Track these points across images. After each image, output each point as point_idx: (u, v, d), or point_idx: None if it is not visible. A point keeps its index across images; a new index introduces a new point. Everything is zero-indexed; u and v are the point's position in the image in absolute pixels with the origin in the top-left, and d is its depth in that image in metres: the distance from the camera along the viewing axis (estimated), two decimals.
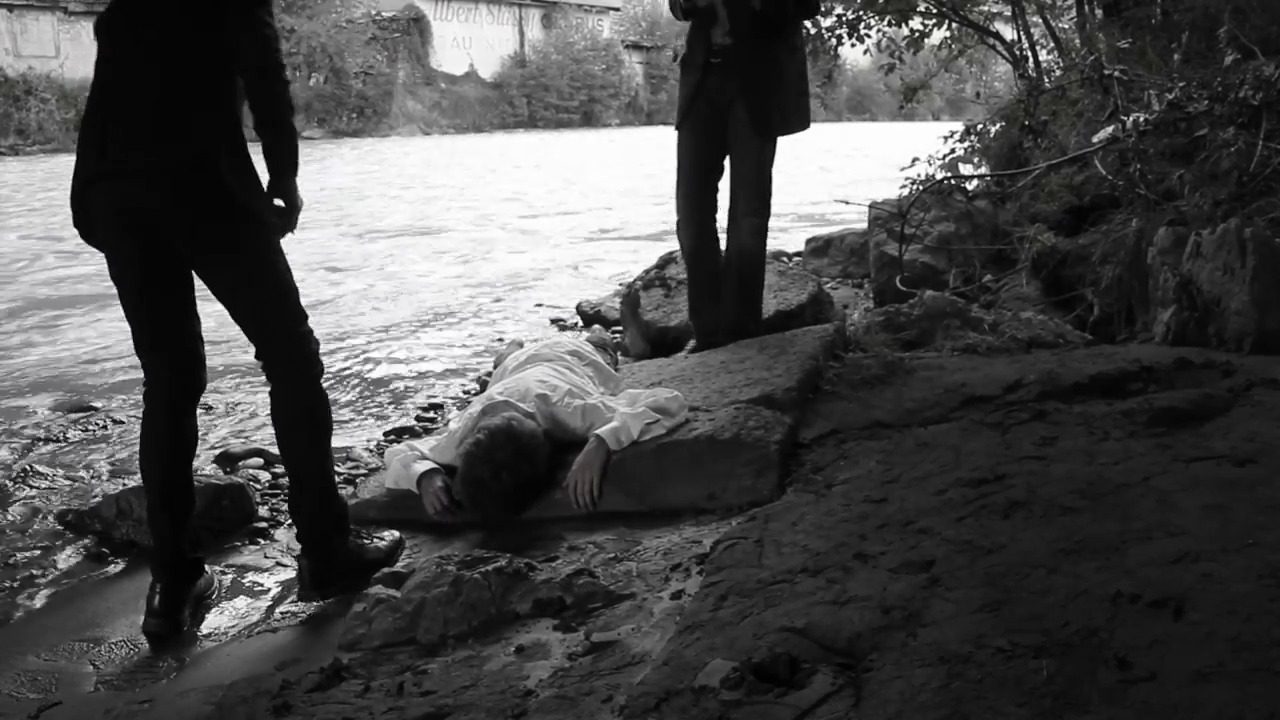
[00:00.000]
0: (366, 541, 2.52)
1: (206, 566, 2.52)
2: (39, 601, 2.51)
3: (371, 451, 3.60)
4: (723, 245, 3.78)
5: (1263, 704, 1.36)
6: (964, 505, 2.17)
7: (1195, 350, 3.15)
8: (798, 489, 2.58)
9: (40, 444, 3.71)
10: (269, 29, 2.30)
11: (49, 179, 15.49)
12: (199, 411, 2.50)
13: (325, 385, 2.45)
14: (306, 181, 2.52)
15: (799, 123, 3.68)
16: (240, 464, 3.44)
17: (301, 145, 2.42)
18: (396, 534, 2.59)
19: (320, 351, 2.44)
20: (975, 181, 5.57)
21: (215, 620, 2.38)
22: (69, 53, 26.84)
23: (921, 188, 5.08)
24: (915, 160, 5.56)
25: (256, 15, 2.27)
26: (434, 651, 2.03)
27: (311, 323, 2.42)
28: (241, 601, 2.47)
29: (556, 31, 37.64)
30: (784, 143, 3.68)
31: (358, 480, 3.21)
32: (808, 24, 7.19)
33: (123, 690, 2.08)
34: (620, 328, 4.90)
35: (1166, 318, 3.41)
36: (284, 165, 2.38)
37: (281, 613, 2.37)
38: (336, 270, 7.60)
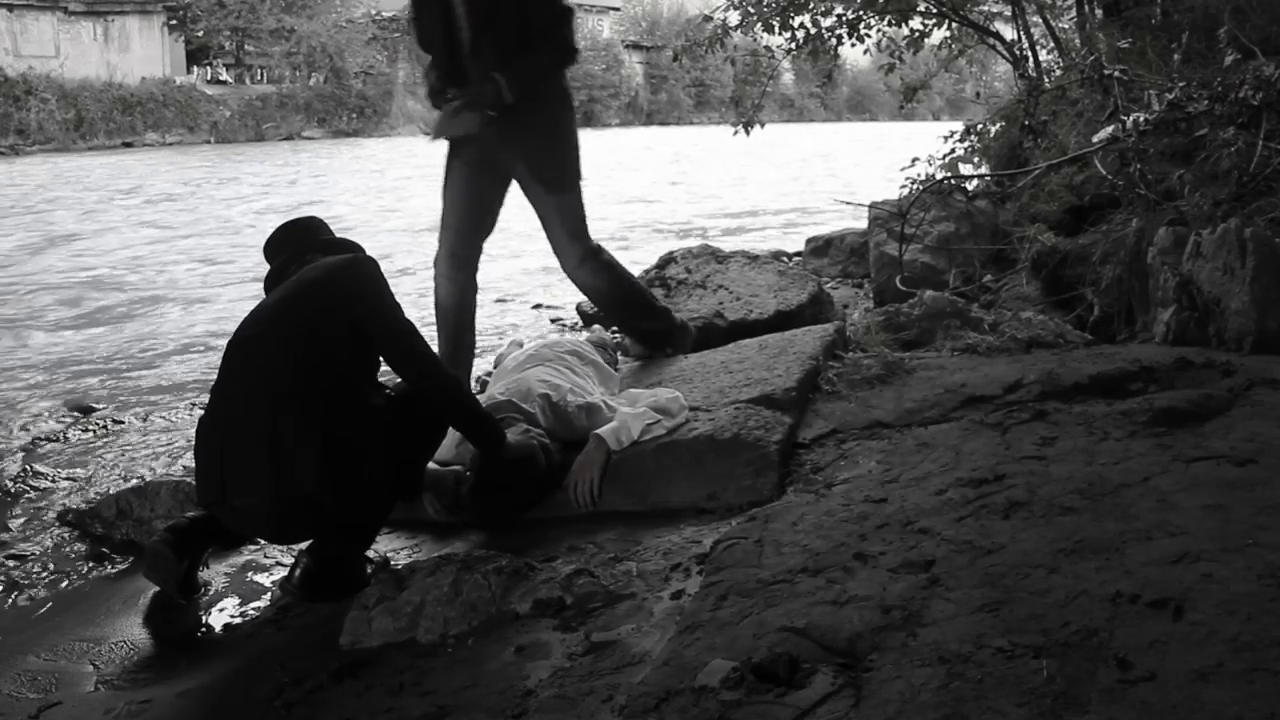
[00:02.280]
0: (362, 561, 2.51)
1: (210, 566, 2.53)
2: (39, 601, 2.51)
3: None
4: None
5: (1263, 704, 1.36)
6: (964, 505, 2.17)
7: (1195, 350, 3.15)
8: (798, 489, 2.58)
9: (41, 444, 3.71)
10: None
11: (56, 179, 15.51)
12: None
13: None
14: (305, 180, 2.52)
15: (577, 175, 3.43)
16: None
17: (302, 145, 2.42)
18: (386, 557, 2.58)
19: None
20: (975, 181, 5.56)
21: (215, 620, 2.38)
22: (69, 53, 26.86)
23: (921, 188, 5.08)
24: (915, 160, 5.56)
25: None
26: (434, 651, 2.03)
27: None
28: (241, 601, 2.47)
29: None
30: (789, 143, 3.64)
31: None
32: (807, 24, 7.21)
33: (123, 690, 2.08)
34: None
35: (1166, 318, 3.40)
36: (477, 445, 2.60)
37: (281, 613, 2.37)
38: None
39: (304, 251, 2.57)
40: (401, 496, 2.51)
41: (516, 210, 3.56)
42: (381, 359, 2.47)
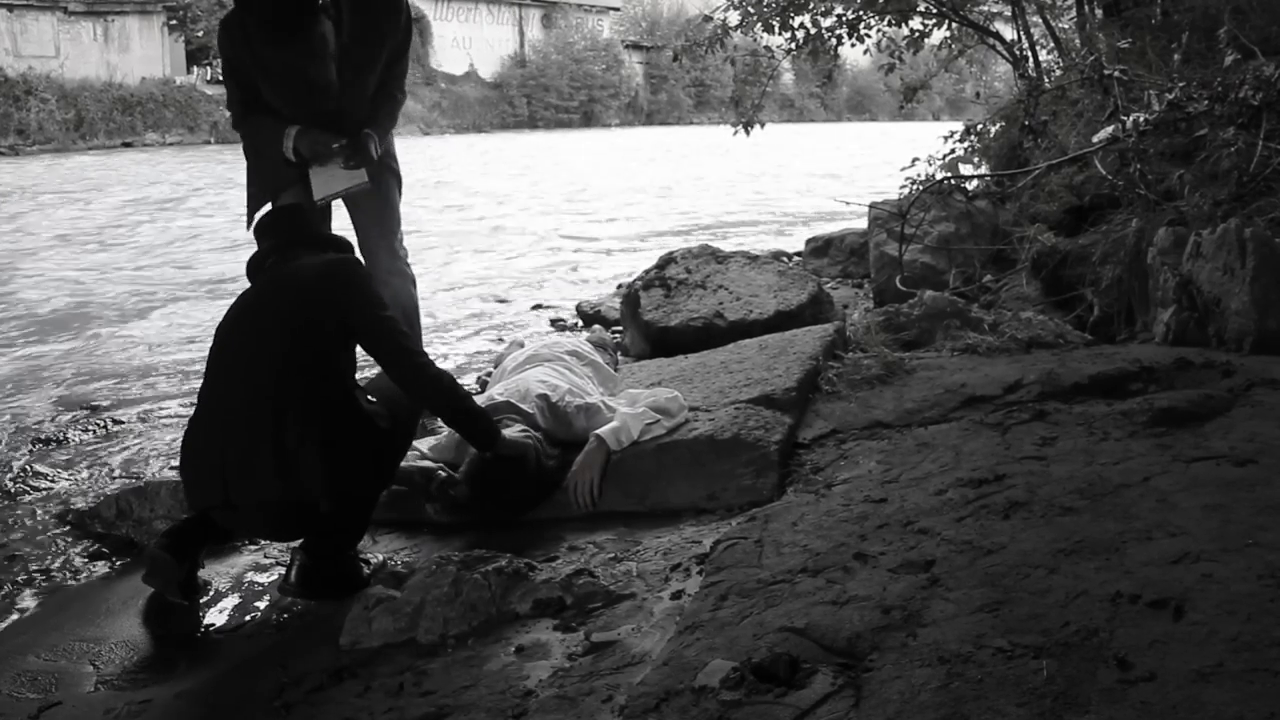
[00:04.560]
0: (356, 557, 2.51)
1: (207, 566, 2.54)
2: (39, 601, 2.51)
3: None
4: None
5: (1263, 704, 1.36)
6: (964, 505, 2.17)
7: (1195, 350, 3.15)
8: (798, 489, 2.58)
9: (41, 444, 3.71)
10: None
11: (56, 178, 15.51)
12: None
13: None
14: None
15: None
16: None
17: None
18: (381, 558, 2.59)
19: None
20: (975, 181, 5.56)
21: (215, 620, 2.38)
22: (69, 53, 26.84)
23: (921, 188, 5.07)
24: (915, 160, 5.56)
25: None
26: (434, 651, 2.03)
27: None
28: (241, 601, 2.47)
29: (556, 31, 37.65)
30: (787, 143, 3.63)
31: None
32: (807, 24, 7.21)
33: (123, 690, 2.08)
34: (620, 328, 4.90)
35: (1166, 318, 3.41)
36: (471, 440, 2.64)
37: (281, 613, 2.37)
38: None
39: (289, 243, 2.57)
40: (382, 489, 2.53)
41: (517, 211, 3.55)
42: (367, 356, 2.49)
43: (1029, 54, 6.68)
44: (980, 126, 6.05)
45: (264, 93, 3.15)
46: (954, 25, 7.31)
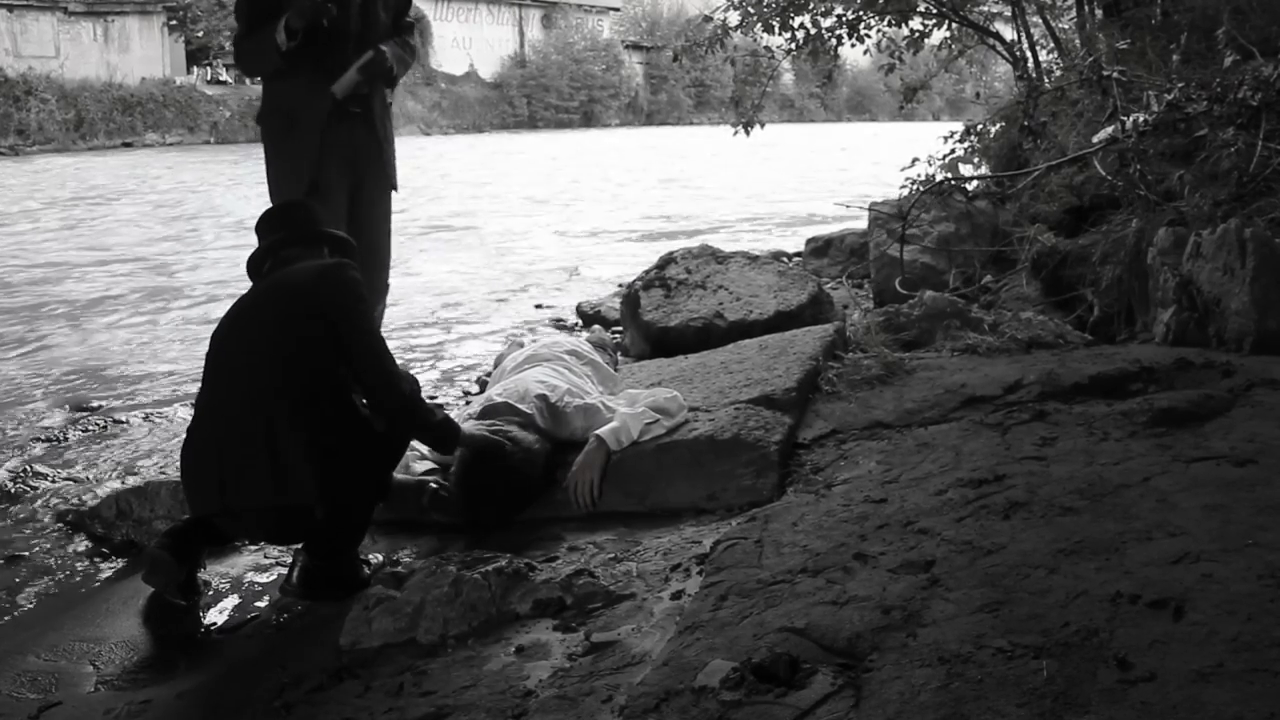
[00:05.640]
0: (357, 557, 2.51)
1: (207, 567, 2.54)
2: (39, 601, 2.51)
3: None
4: None
5: (1263, 704, 1.36)
6: (964, 505, 2.17)
7: (1195, 350, 3.15)
8: (798, 489, 2.58)
9: (41, 444, 3.71)
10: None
11: (57, 178, 15.50)
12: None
13: None
14: None
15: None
16: None
17: None
18: (380, 558, 2.59)
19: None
20: (975, 182, 5.56)
21: (215, 620, 2.38)
22: (69, 53, 26.83)
23: (921, 188, 5.07)
24: (915, 160, 5.56)
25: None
26: (434, 651, 2.03)
27: None
28: (241, 602, 2.47)
29: (556, 32, 37.64)
30: (788, 142, 3.63)
31: None
32: (807, 24, 7.21)
33: (123, 690, 2.08)
34: (620, 328, 4.90)
35: (1166, 318, 3.41)
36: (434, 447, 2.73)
37: (281, 613, 2.37)
38: None
39: (289, 241, 2.57)
40: (379, 498, 2.53)
41: (514, 211, 3.55)
42: None
43: (1029, 54, 6.69)
44: (980, 127, 6.05)
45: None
46: (954, 25, 7.31)
